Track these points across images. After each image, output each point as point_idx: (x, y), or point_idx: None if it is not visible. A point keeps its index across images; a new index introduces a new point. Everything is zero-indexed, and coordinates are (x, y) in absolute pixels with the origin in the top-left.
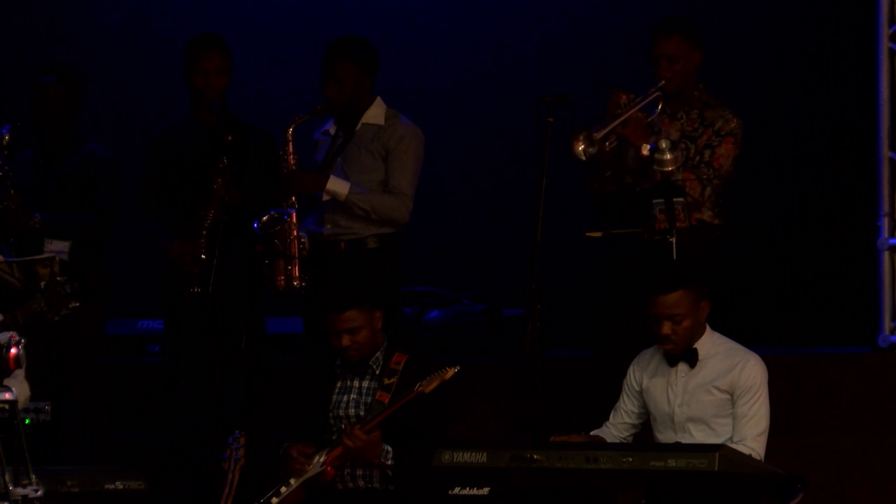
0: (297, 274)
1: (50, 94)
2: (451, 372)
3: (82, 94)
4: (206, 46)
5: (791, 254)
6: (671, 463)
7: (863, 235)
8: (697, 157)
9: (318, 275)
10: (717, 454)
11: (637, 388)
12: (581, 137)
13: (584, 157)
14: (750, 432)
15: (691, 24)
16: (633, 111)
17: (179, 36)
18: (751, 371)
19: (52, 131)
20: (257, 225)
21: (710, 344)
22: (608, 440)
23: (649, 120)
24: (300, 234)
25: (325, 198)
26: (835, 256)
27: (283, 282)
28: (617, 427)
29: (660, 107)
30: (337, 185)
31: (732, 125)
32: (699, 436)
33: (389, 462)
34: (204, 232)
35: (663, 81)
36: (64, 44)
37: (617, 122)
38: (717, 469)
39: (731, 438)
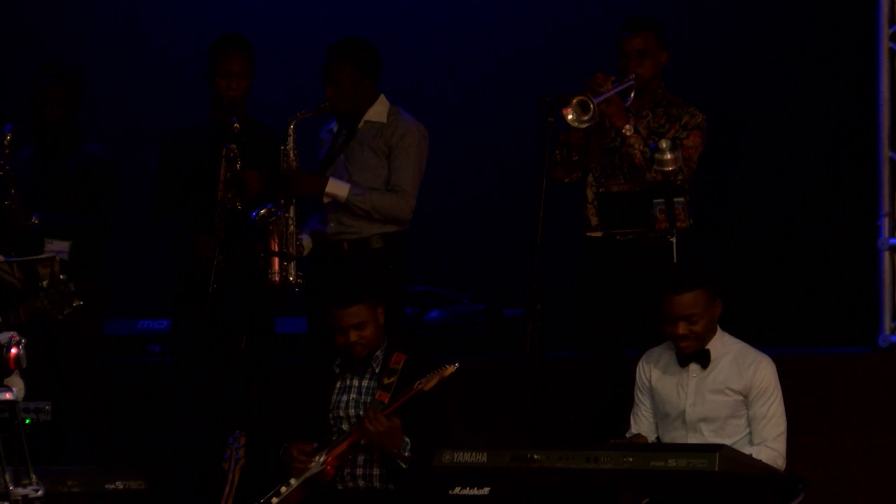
0: (293, 271)
1: (50, 95)
2: (450, 369)
3: (82, 94)
4: (231, 49)
5: (791, 254)
6: (671, 463)
7: (863, 235)
8: None
9: (320, 274)
10: (717, 454)
11: (649, 386)
12: (574, 103)
13: (576, 125)
14: (770, 433)
15: (660, 24)
16: (614, 91)
17: (182, 35)
18: (764, 372)
19: (51, 131)
20: (254, 216)
21: (722, 344)
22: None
23: (626, 105)
24: (298, 232)
25: (326, 200)
26: (835, 256)
27: (278, 278)
28: (643, 431)
29: (632, 95)
30: (336, 188)
31: (699, 119)
32: (711, 436)
33: (406, 454)
34: (219, 222)
35: (633, 75)
36: (65, 44)
37: (607, 94)
38: (717, 469)
39: (749, 440)
